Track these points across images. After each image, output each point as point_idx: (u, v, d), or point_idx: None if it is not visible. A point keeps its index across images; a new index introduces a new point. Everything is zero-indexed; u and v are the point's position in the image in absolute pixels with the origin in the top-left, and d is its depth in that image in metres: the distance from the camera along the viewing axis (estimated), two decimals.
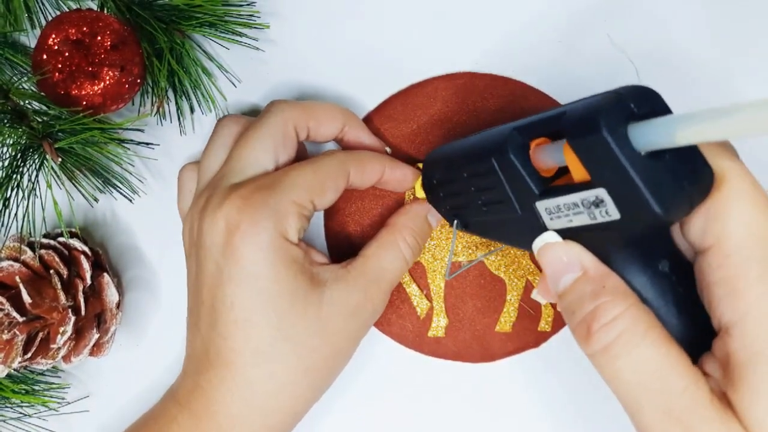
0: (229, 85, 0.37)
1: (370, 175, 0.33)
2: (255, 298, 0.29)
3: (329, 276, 0.31)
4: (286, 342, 0.30)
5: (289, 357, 0.30)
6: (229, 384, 0.30)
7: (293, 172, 0.30)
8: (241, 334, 0.29)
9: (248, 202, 0.29)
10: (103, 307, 0.36)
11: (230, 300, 0.29)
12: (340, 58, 0.37)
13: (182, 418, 0.30)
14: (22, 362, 0.34)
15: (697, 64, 0.37)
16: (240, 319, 0.29)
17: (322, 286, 0.31)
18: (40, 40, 0.32)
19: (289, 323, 0.30)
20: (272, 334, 0.29)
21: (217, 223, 0.29)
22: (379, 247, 0.33)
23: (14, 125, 0.32)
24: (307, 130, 0.33)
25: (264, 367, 0.30)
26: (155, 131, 0.37)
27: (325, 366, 0.31)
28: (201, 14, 0.34)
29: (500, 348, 0.37)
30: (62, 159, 0.32)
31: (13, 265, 0.34)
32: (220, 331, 0.30)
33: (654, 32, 0.37)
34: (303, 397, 0.31)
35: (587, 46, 0.37)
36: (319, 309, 0.30)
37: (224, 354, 0.30)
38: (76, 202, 0.37)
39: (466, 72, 0.37)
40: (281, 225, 0.29)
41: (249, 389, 0.30)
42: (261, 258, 0.29)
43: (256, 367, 0.30)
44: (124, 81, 0.33)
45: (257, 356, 0.29)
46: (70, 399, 0.38)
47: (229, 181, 0.31)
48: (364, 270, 0.32)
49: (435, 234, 0.37)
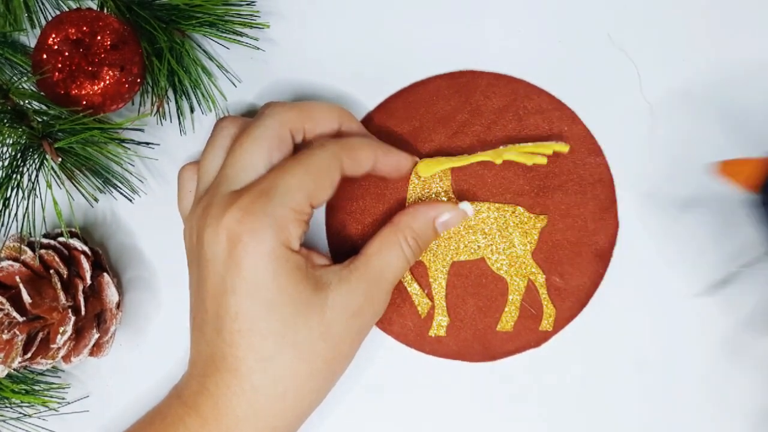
0: (229, 85, 0.37)
1: (364, 162, 0.33)
2: (259, 308, 0.30)
3: (331, 279, 0.31)
4: (291, 348, 0.30)
5: (294, 362, 0.30)
6: (235, 389, 0.30)
7: (287, 176, 0.30)
8: (245, 343, 0.30)
9: (247, 213, 0.29)
10: (103, 307, 0.35)
11: (234, 310, 0.30)
12: (341, 57, 0.37)
13: (189, 420, 0.31)
14: (22, 362, 0.34)
15: (697, 64, 0.37)
16: (244, 328, 0.30)
17: (324, 290, 0.31)
18: (40, 40, 0.32)
19: (293, 330, 0.30)
20: (276, 341, 0.30)
21: (218, 236, 0.30)
22: (381, 246, 0.33)
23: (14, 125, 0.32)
24: (303, 131, 0.33)
25: (269, 372, 0.30)
26: (155, 131, 0.37)
27: (329, 369, 0.32)
28: (201, 14, 0.34)
29: (501, 347, 0.37)
30: (62, 159, 0.32)
31: (13, 265, 0.34)
32: (225, 339, 0.30)
33: (655, 31, 0.37)
34: (307, 400, 0.32)
35: (588, 45, 0.37)
36: (322, 313, 0.31)
37: (230, 361, 0.30)
38: (76, 202, 0.37)
39: (468, 70, 0.37)
40: (282, 234, 0.30)
41: (255, 394, 0.30)
42: (263, 269, 0.29)
43: (262, 372, 0.30)
44: (124, 81, 0.33)
45: (262, 363, 0.30)
46: (70, 399, 0.37)
47: (227, 188, 0.31)
48: (366, 270, 0.32)
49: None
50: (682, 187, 0.37)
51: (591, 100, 0.37)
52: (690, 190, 0.37)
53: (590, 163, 0.37)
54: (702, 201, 0.37)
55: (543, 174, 0.37)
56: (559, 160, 0.36)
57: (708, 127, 0.37)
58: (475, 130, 0.37)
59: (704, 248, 0.37)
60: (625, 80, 0.37)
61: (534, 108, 0.37)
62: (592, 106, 0.37)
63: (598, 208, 0.37)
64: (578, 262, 0.37)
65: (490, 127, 0.37)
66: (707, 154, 0.37)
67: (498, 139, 0.37)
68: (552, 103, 0.37)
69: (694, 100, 0.37)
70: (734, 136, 0.37)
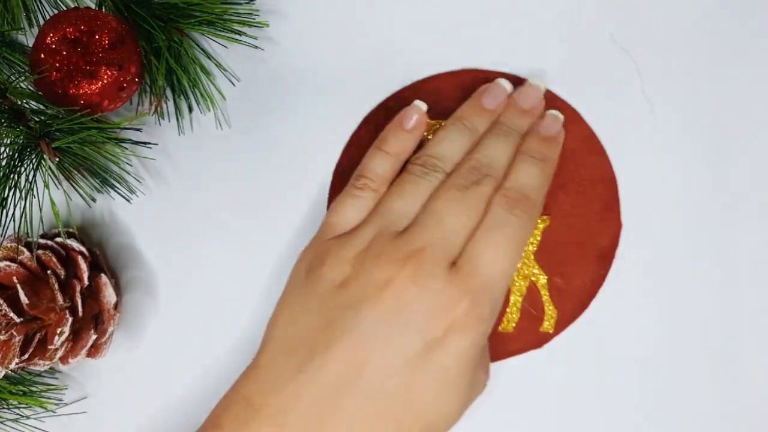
0: (228, 84, 0.37)
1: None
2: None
3: None
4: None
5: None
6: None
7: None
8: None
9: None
10: (100, 308, 0.35)
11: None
12: (341, 56, 0.37)
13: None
14: (20, 363, 0.33)
15: (700, 64, 0.37)
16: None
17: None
18: (38, 39, 0.32)
19: None
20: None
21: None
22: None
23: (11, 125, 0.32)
24: None
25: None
26: (153, 130, 0.37)
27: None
28: (199, 12, 0.34)
29: (502, 348, 0.37)
30: (60, 158, 0.32)
31: (10, 266, 0.34)
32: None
33: (657, 32, 0.37)
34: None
35: (590, 45, 0.37)
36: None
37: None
38: (74, 202, 0.37)
39: (471, 69, 0.37)
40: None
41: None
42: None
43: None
44: (122, 80, 0.33)
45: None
46: (68, 400, 0.37)
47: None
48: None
49: None
50: (685, 187, 0.37)
51: (593, 99, 0.37)
52: (692, 191, 0.37)
53: (592, 163, 0.36)
54: (705, 200, 0.37)
55: None
56: (562, 160, 0.36)
57: (710, 127, 0.37)
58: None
59: (706, 249, 0.36)
60: (627, 80, 0.37)
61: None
62: (594, 106, 0.36)
63: (601, 209, 0.36)
64: (580, 263, 0.36)
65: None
66: (709, 154, 0.37)
67: None
68: (554, 102, 0.36)
69: (696, 99, 0.37)
70: (736, 136, 0.37)
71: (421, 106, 0.34)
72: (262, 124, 0.37)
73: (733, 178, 0.37)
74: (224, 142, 0.37)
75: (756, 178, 0.36)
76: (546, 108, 0.36)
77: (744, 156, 0.37)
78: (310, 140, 0.37)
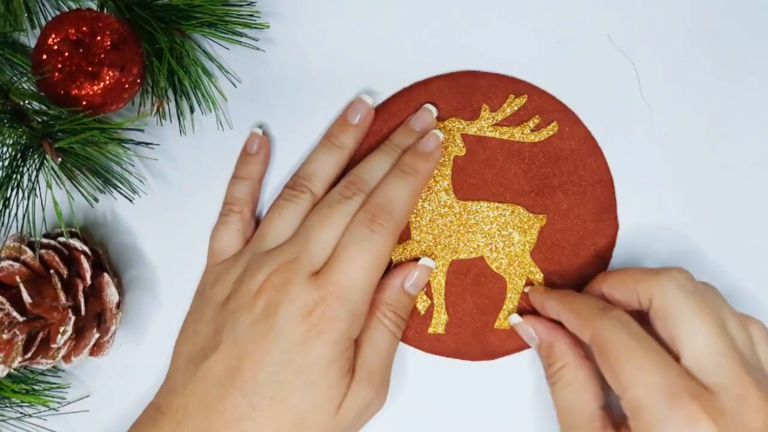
0: (229, 85, 0.37)
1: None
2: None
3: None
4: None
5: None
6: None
7: None
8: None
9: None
10: (103, 306, 0.35)
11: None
12: (341, 58, 0.37)
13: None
14: (23, 362, 0.34)
15: (696, 64, 0.37)
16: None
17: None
18: (40, 40, 0.32)
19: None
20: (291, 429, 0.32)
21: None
22: (367, 330, 0.34)
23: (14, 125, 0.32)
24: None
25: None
26: (155, 131, 0.37)
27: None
28: (201, 14, 0.34)
29: (500, 346, 0.37)
30: (62, 159, 0.32)
31: (13, 265, 0.34)
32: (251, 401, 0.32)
33: (654, 33, 0.37)
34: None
35: (587, 46, 0.37)
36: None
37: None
38: (76, 202, 0.37)
39: (469, 71, 0.37)
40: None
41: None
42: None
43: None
44: (123, 81, 0.33)
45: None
46: (71, 399, 0.38)
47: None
48: (363, 363, 0.33)
49: (436, 232, 0.37)
50: (682, 188, 0.37)
51: (591, 101, 0.37)
52: (689, 191, 0.37)
53: (590, 163, 0.37)
54: (701, 202, 0.37)
55: (543, 174, 0.37)
56: (560, 161, 0.37)
57: (706, 128, 0.37)
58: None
59: (704, 249, 0.37)
60: (624, 81, 0.37)
61: (534, 109, 0.37)
62: (592, 107, 0.37)
63: (598, 209, 0.37)
64: (577, 263, 0.37)
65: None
66: (706, 155, 0.37)
67: (499, 140, 0.37)
68: (552, 104, 0.37)
69: (693, 100, 0.37)
70: (733, 137, 0.37)
71: (367, 100, 0.36)
72: (263, 125, 0.38)
73: (731, 179, 0.37)
74: (225, 142, 0.37)
75: (754, 179, 0.37)
76: (546, 109, 0.36)
77: (741, 157, 0.37)
78: (310, 140, 0.37)
